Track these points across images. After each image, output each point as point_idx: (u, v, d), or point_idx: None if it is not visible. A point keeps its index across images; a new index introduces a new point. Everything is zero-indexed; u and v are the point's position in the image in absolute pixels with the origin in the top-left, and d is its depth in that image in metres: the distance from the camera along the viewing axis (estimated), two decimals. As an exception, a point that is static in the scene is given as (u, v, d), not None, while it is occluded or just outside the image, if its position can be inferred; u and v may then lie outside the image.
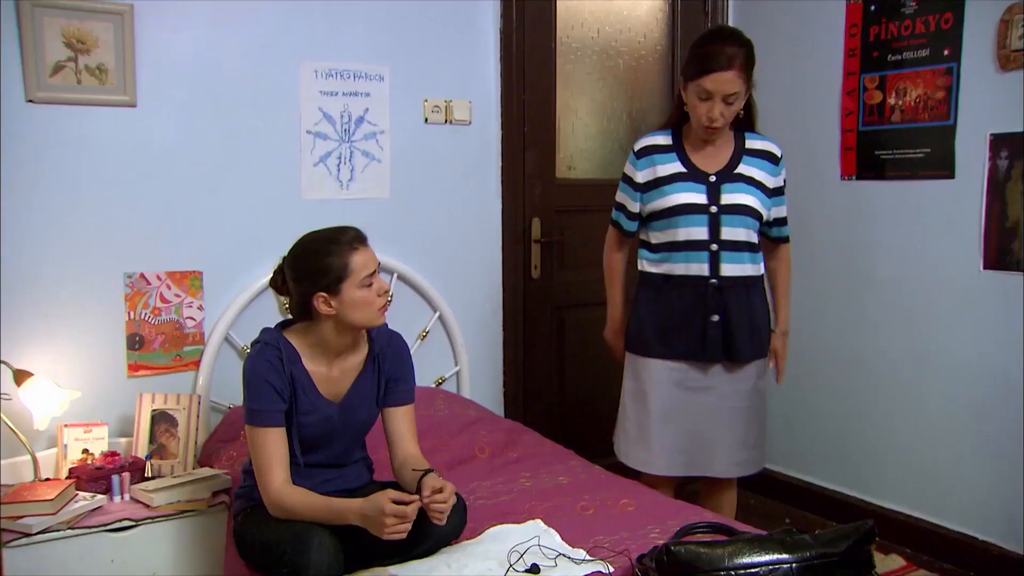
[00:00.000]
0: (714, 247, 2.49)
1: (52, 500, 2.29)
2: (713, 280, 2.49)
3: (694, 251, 2.49)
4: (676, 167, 2.53)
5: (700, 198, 2.49)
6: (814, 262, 3.54)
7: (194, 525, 2.46)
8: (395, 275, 3.16)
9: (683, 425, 2.56)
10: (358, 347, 2.18)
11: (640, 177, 2.56)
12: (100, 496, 2.43)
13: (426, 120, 3.24)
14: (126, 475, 2.50)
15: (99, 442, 2.61)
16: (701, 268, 2.49)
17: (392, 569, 2.00)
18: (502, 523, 2.23)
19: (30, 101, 2.57)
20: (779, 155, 2.60)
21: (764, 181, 2.55)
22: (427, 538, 2.06)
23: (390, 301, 2.09)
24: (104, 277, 2.74)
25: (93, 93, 2.66)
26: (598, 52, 3.66)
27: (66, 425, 2.59)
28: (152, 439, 2.68)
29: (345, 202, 3.10)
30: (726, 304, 2.51)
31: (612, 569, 1.99)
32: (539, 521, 2.24)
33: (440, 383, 3.30)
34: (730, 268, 2.50)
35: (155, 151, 2.78)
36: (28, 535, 2.24)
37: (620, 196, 2.63)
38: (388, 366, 2.19)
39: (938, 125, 3.09)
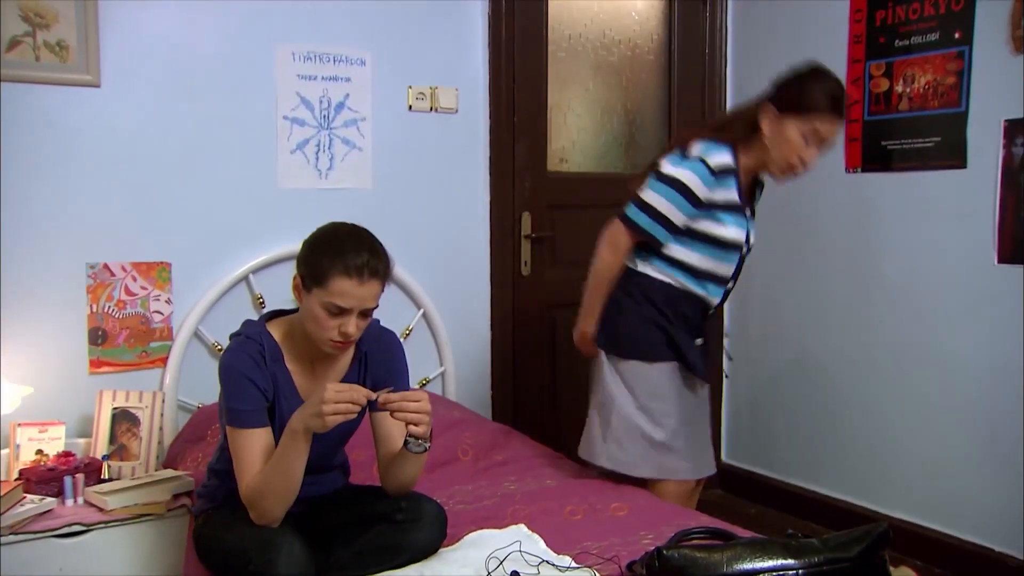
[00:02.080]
0: (730, 284, 2.48)
1: (-5, 502, 2.12)
2: (711, 311, 2.48)
3: (716, 284, 2.44)
4: (733, 196, 2.35)
5: (742, 235, 2.39)
6: (818, 258, 3.39)
7: (152, 530, 2.28)
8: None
9: (697, 426, 2.53)
10: None
11: (706, 196, 2.31)
12: (50, 499, 2.26)
13: (410, 107, 3.09)
14: (80, 477, 2.33)
15: (55, 442, 2.44)
16: (714, 299, 2.45)
17: (363, 579, 1.84)
18: (482, 528, 2.07)
19: (-16, 77, 2.42)
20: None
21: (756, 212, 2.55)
22: (404, 551, 1.90)
23: (352, 343, 1.90)
24: (64, 267, 2.58)
25: (53, 71, 2.51)
26: (592, 40, 3.51)
27: (19, 424, 2.43)
28: (112, 439, 2.52)
29: (324, 192, 2.95)
30: (709, 328, 2.52)
31: (600, 577, 1.82)
32: (522, 526, 2.08)
33: (424, 384, 3.13)
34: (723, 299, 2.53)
35: (121, 135, 2.63)
36: (-33, 540, 2.07)
37: (664, 205, 2.31)
38: (376, 369, 2.00)
39: (949, 112, 2.94)
